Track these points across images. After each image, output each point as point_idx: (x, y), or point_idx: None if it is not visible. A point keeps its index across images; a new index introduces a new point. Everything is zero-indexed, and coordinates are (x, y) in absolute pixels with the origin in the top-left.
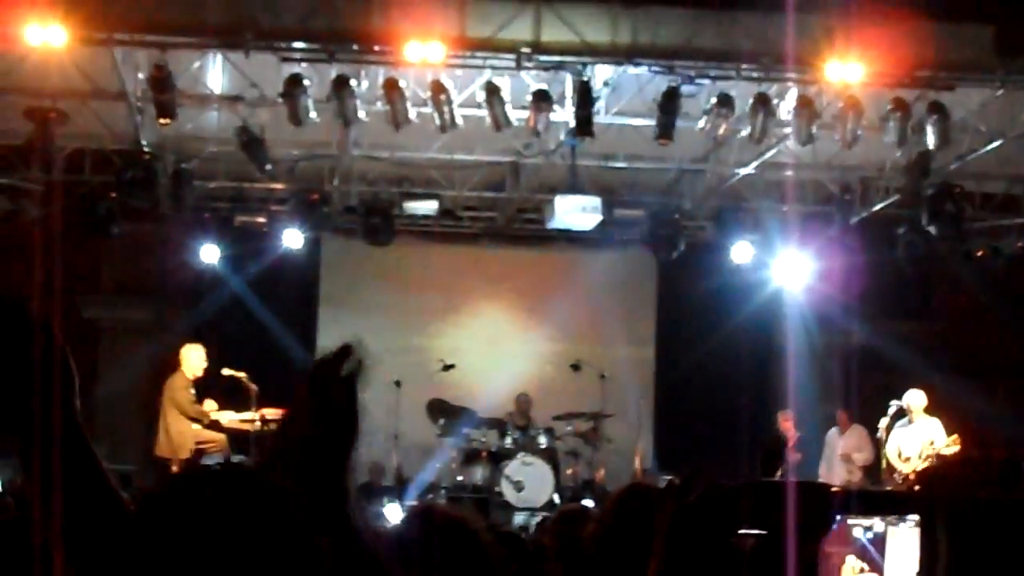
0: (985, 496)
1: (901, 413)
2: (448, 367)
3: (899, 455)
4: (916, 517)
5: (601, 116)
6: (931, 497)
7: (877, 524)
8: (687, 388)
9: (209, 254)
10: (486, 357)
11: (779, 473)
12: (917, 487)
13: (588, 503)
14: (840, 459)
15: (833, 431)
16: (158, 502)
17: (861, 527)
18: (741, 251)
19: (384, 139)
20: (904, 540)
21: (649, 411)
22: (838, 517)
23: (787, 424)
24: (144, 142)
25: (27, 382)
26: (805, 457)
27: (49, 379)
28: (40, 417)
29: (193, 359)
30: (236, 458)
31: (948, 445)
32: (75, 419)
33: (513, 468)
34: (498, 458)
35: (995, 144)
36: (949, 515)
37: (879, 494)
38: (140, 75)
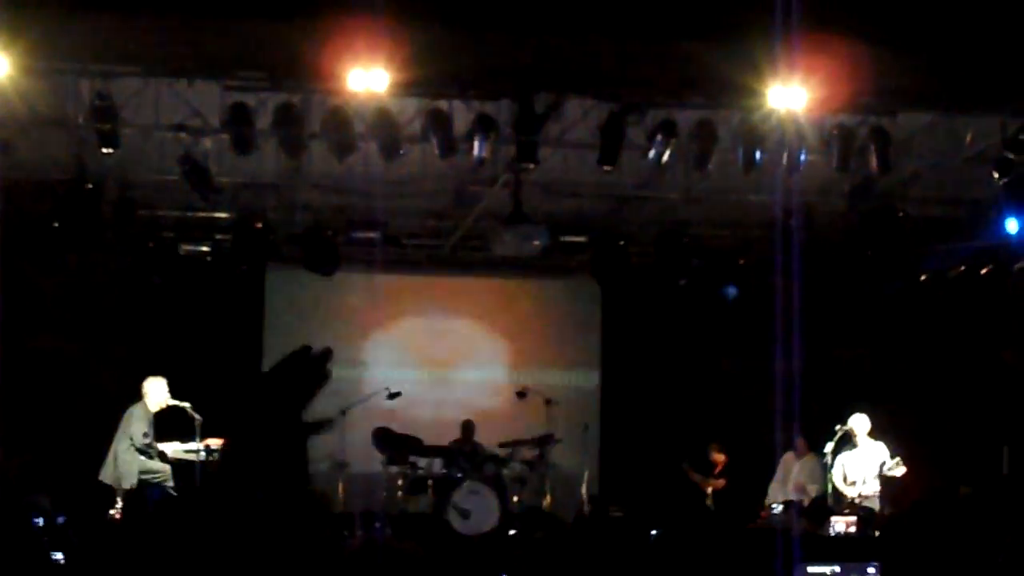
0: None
1: (846, 437)
2: (393, 395)
3: (844, 479)
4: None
5: (545, 143)
6: (894, 543)
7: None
8: (633, 414)
9: (156, 283)
10: (431, 385)
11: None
12: (877, 532)
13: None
14: (794, 489)
15: (789, 455)
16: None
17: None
18: (686, 276)
19: (328, 168)
20: None
21: (595, 437)
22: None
23: (716, 454)
24: (87, 170)
25: None
26: (737, 482)
27: None
28: None
29: (155, 392)
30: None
31: (893, 468)
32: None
33: (460, 496)
34: (444, 486)
35: (937, 168)
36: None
37: (840, 539)
38: (83, 103)
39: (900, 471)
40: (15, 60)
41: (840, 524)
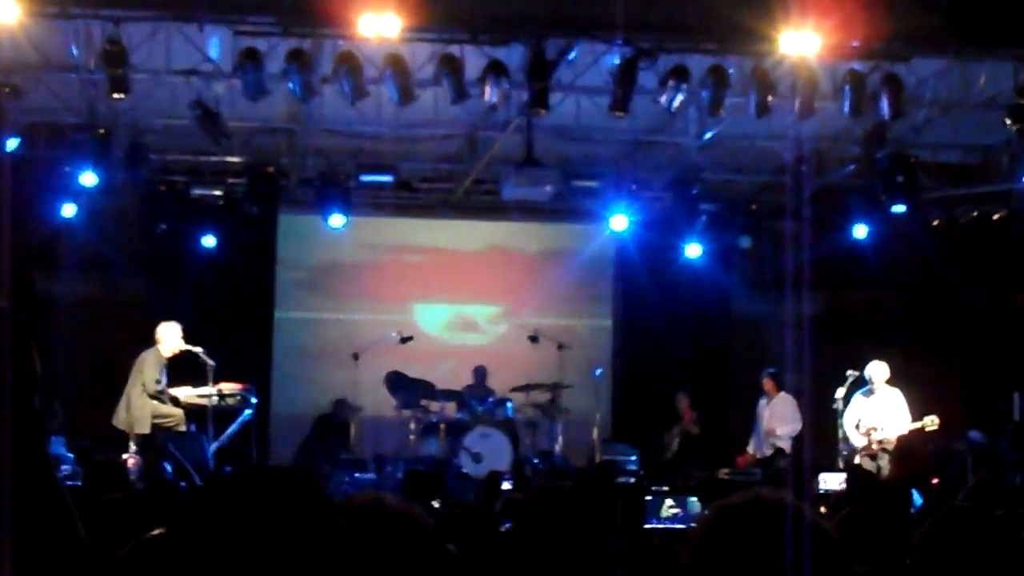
0: None
1: (861, 382)
2: (405, 339)
3: (857, 426)
4: None
5: (557, 89)
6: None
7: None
8: (645, 359)
9: (165, 227)
10: (443, 329)
11: None
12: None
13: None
14: (766, 434)
15: (762, 401)
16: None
17: None
18: (694, 222)
19: (340, 113)
20: None
21: (607, 382)
22: None
23: (683, 404)
24: (99, 115)
25: None
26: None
27: (6, 375)
28: None
29: (169, 337)
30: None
31: (928, 425)
32: (32, 421)
33: (471, 440)
34: (456, 430)
35: (950, 114)
36: None
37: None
38: (94, 47)
39: (933, 427)
40: (25, 5)
41: (831, 480)
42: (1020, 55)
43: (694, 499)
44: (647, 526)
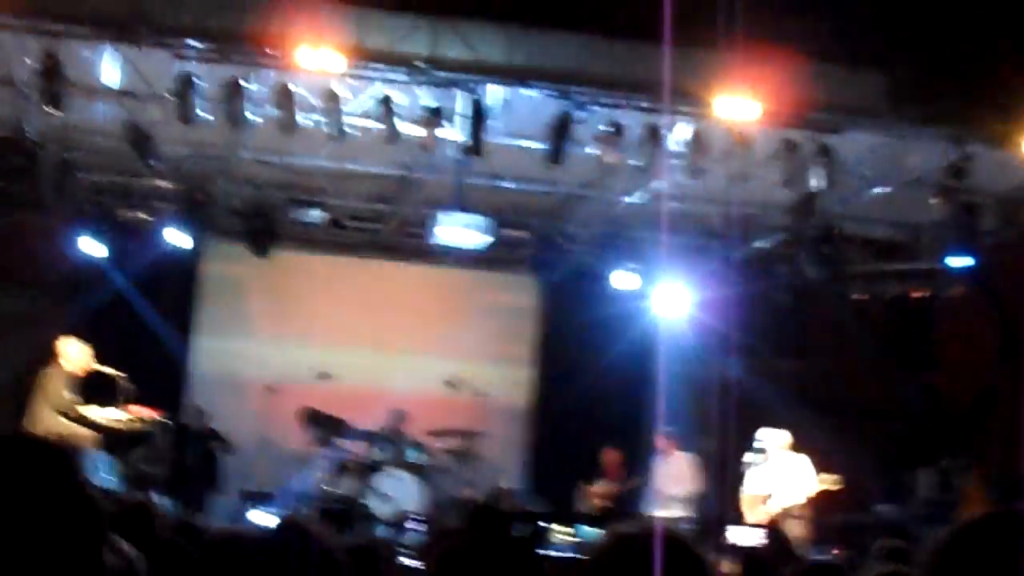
0: None
1: (759, 449)
2: (324, 376)
3: (753, 495)
4: None
5: (492, 136)
6: None
7: None
8: (563, 412)
9: (90, 248)
10: (363, 369)
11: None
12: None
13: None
14: (656, 497)
15: (657, 459)
16: None
17: None
18: (623, 278)
19: (274, 144)
20: None
21: (524, 433)
22: None
23: (612, 460)
24: (29, 130)
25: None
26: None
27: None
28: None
29: (72, 353)
30: (103, 454)
31: (829, 483)
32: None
33: (382, 481)
34: (368, 471)
35: (881, 190)
36: None
37: None
38: (29, 62)
39: (837, 487)
40: None
41: (740, 535)
42: (952, 136)
43: (587, 527)
44: (541, 552)
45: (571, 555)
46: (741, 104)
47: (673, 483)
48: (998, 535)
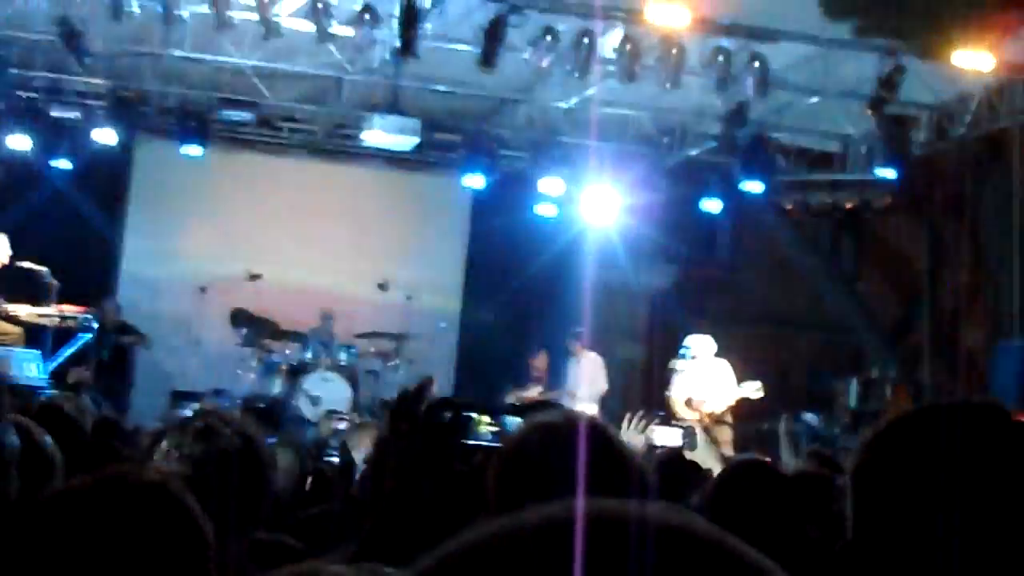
0: None
1: (688, 355)
2: (254, 277)
3: (681, 399)
4: None
5: (425, 39)
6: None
7: None
8: (492, 316)
9: (20, 145)
10: (293, 270)
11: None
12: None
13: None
14: (567, 396)
15: (570, 361)
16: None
17: None
18: (552, 184)
19: (205, 43)
20: None
21: (454, 337)
22: None
23: (538, 362)
24: None
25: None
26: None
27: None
28: None
29: None
30: (30, 351)
31: (751, 392)
32: None
33: (311, 383)
34: (297, 372)
35: (813, 100)
36: None
37: None
38: None
39: (758, 395)
40: None
41: (663, 435)
42: (884, 47)
43: (513, 418)
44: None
45: (494, 444)
46: (672, 10)
47: (584, 383)
48: (927, 429)
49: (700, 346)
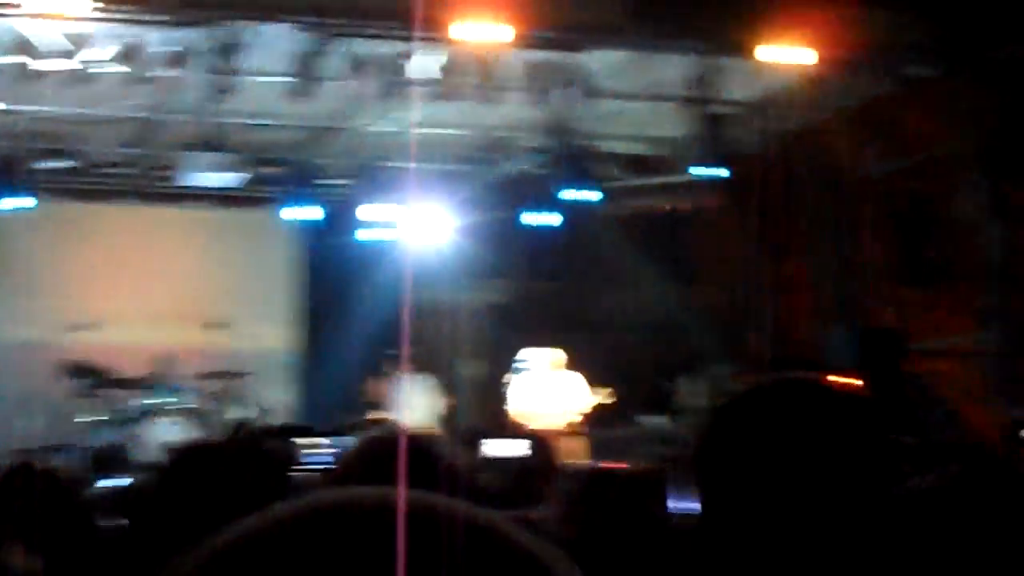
0: None
1: (522, 368)
2: (83, 327)
3: (518, 412)
4: None
5: (237, 74)
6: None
7: None
8: (331, 346)
9: None
10: (124, 317)
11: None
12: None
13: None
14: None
15: (395, 384)
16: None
17: None
18: (377, 210)
19: (16, 93)
20: None
21: (290, 371)
22: None
23: (375, 388)
24: None
25: None
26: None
27: None
28: None
29: None
30: None
31: (605, 397)
32: None
33: (151, 427)
34: (136, 418)
35: (636, 105)
36: None
37: None
38: None
39: (611, 399)
40: None
41: (497, 447)
42: (692, 48)
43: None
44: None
45: (327, 465)
46: (484, 28)
47: (414, 404)
48: (765, 405)
49: (537, 360)
